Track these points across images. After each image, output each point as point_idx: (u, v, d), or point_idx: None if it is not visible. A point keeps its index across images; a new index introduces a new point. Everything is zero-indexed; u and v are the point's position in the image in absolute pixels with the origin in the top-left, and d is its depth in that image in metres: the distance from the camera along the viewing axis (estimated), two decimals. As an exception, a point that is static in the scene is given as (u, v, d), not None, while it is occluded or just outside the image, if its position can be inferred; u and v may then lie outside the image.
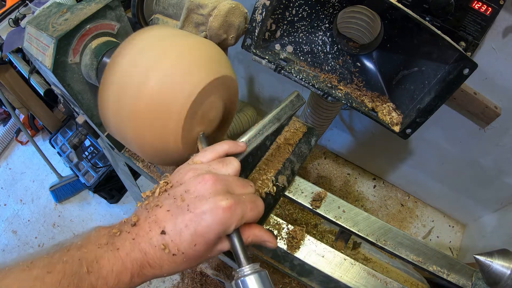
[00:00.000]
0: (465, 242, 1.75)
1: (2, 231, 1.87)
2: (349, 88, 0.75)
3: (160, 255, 0.38)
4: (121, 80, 0.48)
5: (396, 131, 0.72)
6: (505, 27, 0.92)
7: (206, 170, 0.43)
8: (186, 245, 0.38)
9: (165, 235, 0.38)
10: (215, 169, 0.44)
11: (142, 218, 0.40)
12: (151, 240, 0.38)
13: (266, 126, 0.56)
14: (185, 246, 0.38)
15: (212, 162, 0.45)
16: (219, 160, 0.45)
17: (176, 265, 0.39)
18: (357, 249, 0.81)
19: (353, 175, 1.96)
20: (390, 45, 0.72)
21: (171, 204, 0.39)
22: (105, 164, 1.80)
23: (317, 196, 0.68)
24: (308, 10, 0.71)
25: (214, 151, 0.46)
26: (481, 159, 1.40)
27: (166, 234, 0.38)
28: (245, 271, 0.39)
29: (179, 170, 0.44)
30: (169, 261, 0.38)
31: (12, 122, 2.18)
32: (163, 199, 0.40)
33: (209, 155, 0.46)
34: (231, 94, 0.57)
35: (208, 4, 0.65)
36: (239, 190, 0.43)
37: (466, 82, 0.77)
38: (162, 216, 0.39)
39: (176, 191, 0.41)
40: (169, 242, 0.38)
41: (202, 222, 0.38)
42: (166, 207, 0.39)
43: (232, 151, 0.48)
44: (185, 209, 0.39)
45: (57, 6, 0.61)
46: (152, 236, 0.38)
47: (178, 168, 0.45)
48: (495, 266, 0.57)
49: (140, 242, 0.38)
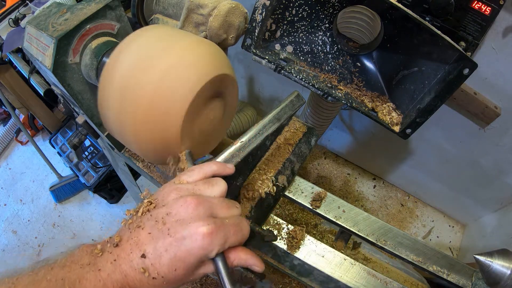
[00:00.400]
0: (465, 242, 1.75)
1: (2, 231, 1.87)
2: (349, 88, 0.75)
3: (140, 278, 0.37)
4: (121, 80, 0.48)
5: (396, 131, 0.72)
6: (505, 27, 0.92)
7: (190, 191, 0.42)
8: (166, 269, 0.38)
9: (145, 259, 0.37)
10: (200, 190, 0.43)
11: (125, 239, 0.39)
12: (132, 262, 0.38)
13: (266, 126, 0.56)
14: (165, 270, 0.38)
15: (198, 182, 0.44)
16: (205, 180, 0.44)
17: None
18: (357, 249, 0.81)
19: (353, 175, 1.96)
20: (390, 45, 0.72)
21: (152, 227, 0.39)
22: (105, 164, 1.80)
23: (317, 196, 0.68)
24: (308, 10, 0.71)
25: (201, 172, 0.45)
26: (481, 159, 1.40)
27: (146, 257, 0.37)
28: None
29: (163, 188, 0.44)
30: (149, 284, 0.38)
31: (12, 122, 2.18)
32: (145, 220, 0.40)
33: (195, 176, 0.45)
34: (231, 93, 0.57)
35: (208, 4, 0.65)
36: (223, 213, 0.42)
37: (466, 82, 0.77)
38: (143, 238, 0.38)
39: (158, 212, 0.40)
40: (149, 266, 0.37)
41: (182, 247, 0.38)
42: (148, 230, 0.39)
43: (220, 173, 0.47)
44: (166, 233, 0.38)
45: (57, 6, 0.61)
46: (133, 259, 0.38)
47: (163, 186, 0.44)
48: (495, 266, 0.57)
49: (121, 263, 0.38)
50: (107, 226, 1.85)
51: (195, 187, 0.43)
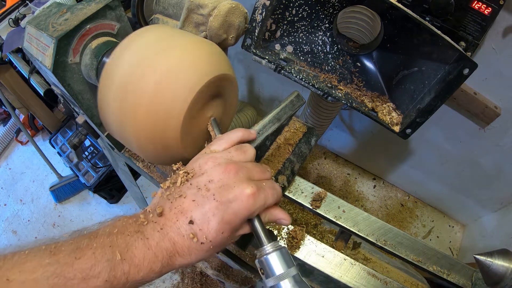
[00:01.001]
0: (465, 242, 1.75)
1: (2, 231, 1.87)
2: (349, 88, 0.75)
3: (188, 244, 0.38)
4: (121, 80, 0.48)
5: (396, 131, 0.72)
6: (505, 27, 0.92)
7: (226, 158, 0.44)
8: (214, 232, 0.39)
9: (193, 225, 0.39)
10: (234, 157, 0.45)
11: (167, 209, 0.40)
12: (179, 229, 0.38)
13: (266, 126, 0.56)
14: (213, 234, 0.39)
15: (231, 149, 0.46)
16: (237, 147, 0.46)
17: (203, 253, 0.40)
18: (357, 249, 0.81)
19: (353, 175, 1.96)
20: (390, 45, 0.72)
21: (195, 194, 0.40)
22: (105, 164, 1.80)
23: (317, 196, 0.68)
24: (308, 10, 0.71)
25: (229, 140, 0.47)
26: (481, 159, 1.40)
27: (194, 223, 0.39)
28: (267, 250, 0.41)
29: (197, 159, 0.45)
30: (197, 249, 0.39)
31: (12, 122, 2.18)
32: (186, 189, 0.41)
33: (225, 144, 0.47)
34: (231, 93, 0.57)
35: (208, 4, 0.65)
36: (259, 176, 0.44)
37: (466, 82, 0.77)
38: (188, 205, 0.39)
39: (199, 180, 0.41)
40: (197, 231, 0.38)
41: (229, 209, 0.39)
42: (191, 197, 0.40)
43: (245, 138, 0.50)
44: (211, 198, 0.39)
45: (57, 6, 0.61)
46: (180, 226, 0.39)
47: (195, 157, 0.46)
48: (495, 266, 0.57)
49: (168, 231, 0.38)
50: (107, 226, 1.85)
51: (229, 154, 0.45)
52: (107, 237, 0.37)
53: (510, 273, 0.55)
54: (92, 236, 0.37)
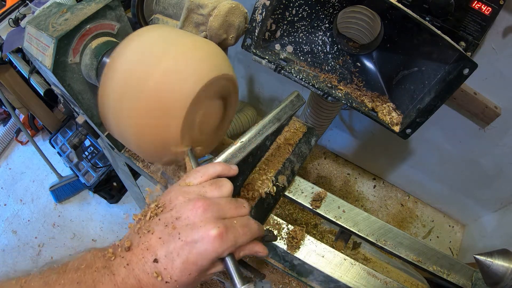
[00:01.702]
0: (465, 242, 1.75)
1: (2, 231, 1.87)
2: (349, 88, 0.75)
3: (153, 282, 0.37)
4: (121, 80, 0.48)
5: (396, 131, 0.72)
6: (505, 27, 0.92)
7: (198, 194, 0.42)
8: (179, 272, 0.38)
9: (158, 263, 0.38)
10: (207, 192, 0.43)
11: (135, 243, 0.39)
12: (144, 267, 0.38)
13: (266, 126, 0.56)
14: (178, 274, 0.38)
15: (205, 184, 0.44)
16: (211, 182, 0.44)
17: None
18: (357, 249, 0.81)
19: (353, 175, 1.96)
20: (390, 45, 0.72)
21: (162, 231, 0.39)
22: (105, 164, 1.80)
23: (317, 196, 0.68)
24: (308, 10, 0.71)
25: (206, 173, 0.45)
26: (481, 159, 1.40)
27: (158, 262, 0.38)
28: None
29: (170, 191, 0.43)
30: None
31: (12, 122, 2.18)
32: (154, 225, 0.40)
33: (201, 177, 0.45)
34: (231, 93, 0.57)
35: (208, 4, 0.65)
36: (232, 213, 0.42)
37: (466, 82, 0.77)
38: (154, 243, 0.39)
39: (167, 216, 0.40)
40: (161, 270, 0.37)
41: (194, 250, 0.38)
42: (158, 234, 0.39)
43: (224, 174, 0.47)
44: (177, 237, 0.38)
45: (57, 6, 0.61)
46: (145, 263, 0.38)
47: (169, 189, 0.44)
48: (495, 266, 0.57)
49: (134, 268, 0.38)
50: (107, 226, 1.85)
51: (202, 189, 0.43)
52: (75, 273, 0.36)
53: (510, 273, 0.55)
54: (61, 271, 0.37)
